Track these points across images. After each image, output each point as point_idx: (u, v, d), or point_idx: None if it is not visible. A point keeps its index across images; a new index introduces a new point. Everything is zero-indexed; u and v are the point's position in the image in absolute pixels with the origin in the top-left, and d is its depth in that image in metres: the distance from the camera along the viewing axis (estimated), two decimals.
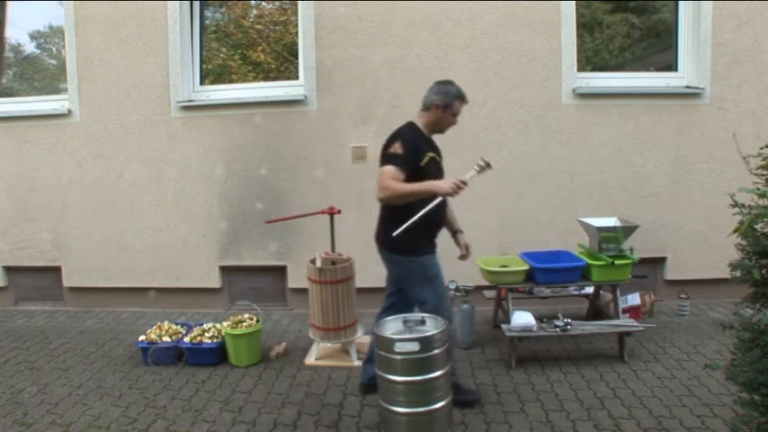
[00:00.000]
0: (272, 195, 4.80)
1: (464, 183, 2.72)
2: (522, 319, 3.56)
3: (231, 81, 5.19)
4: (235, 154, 4.80)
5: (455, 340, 3.14)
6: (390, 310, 3.07)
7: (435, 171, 2.94)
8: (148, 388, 3.43)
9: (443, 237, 3.15)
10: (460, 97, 2.97)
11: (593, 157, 4.60)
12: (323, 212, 3.98)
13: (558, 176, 4.62)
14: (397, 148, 2.82)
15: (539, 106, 4.57)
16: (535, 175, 4.62)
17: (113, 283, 5.03)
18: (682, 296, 4.42)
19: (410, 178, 2.78)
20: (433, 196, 2.74)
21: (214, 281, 4.93)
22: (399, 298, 3.09)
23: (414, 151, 2.83)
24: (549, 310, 4.44)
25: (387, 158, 2.82)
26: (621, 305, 3.91)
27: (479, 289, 4.14)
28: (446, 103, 2.95)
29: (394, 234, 2.74)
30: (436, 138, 3.07)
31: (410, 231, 2.74)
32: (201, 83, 5.00)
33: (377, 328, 2.75)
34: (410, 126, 2.98)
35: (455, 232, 3.23)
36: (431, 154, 2.92)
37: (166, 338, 3.82)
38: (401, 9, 4.56)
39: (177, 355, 3.78)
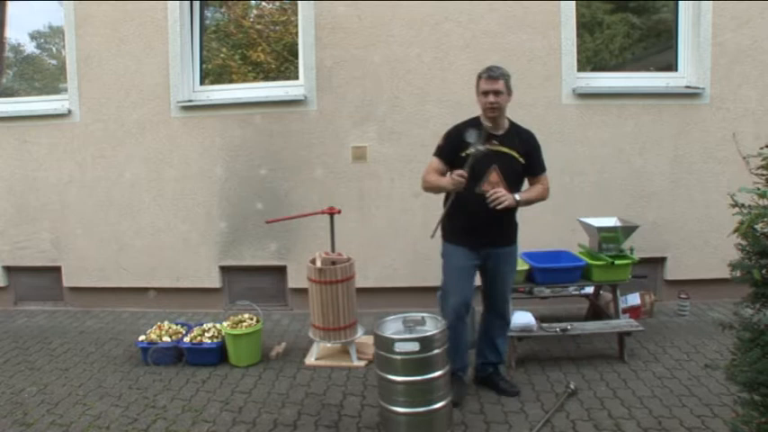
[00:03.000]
0: (272, 195, 4.79)
1: (460, 175, 2.80)
2: (523, 319, 3.56)
3: (231, 81, 5.18)
4: (235, 154, 4.80)
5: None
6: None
7: (481, 164, 2.86)
8: (148, 388, 3.43)
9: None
10: (478, 75, 2.96)
11: (593, 157, 4.60)
12: (323, 212, 3.98)
13: (557, 176, 4.59)
14: (441, 138, 3.04)
15: (539, 106, 4.57)
16: None
17: (113, 283, 5.03)
18: (682, 296, 4.42)
19: (455, 168, 2.88)
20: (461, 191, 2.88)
21: (214, 281, 4.93)
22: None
23: (453, 142, 2.95)
24: (548, 310, 4.45)
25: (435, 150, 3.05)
26: (621, 305, 3.90)
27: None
28: (475, 88, 2.99)
29: (430, 235, 3.04)
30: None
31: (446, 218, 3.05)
32: (201, 83, 5.00)
33: (377, 328, 2.75)
34: (470, 119, 3.03)
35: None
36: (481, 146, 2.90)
37: (166, 338, 3.82)
38: (401, 9, 4.56)
39: (177, 355, 3.78)
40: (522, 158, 2.99)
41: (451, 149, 2.96)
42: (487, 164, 2.91)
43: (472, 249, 3.04)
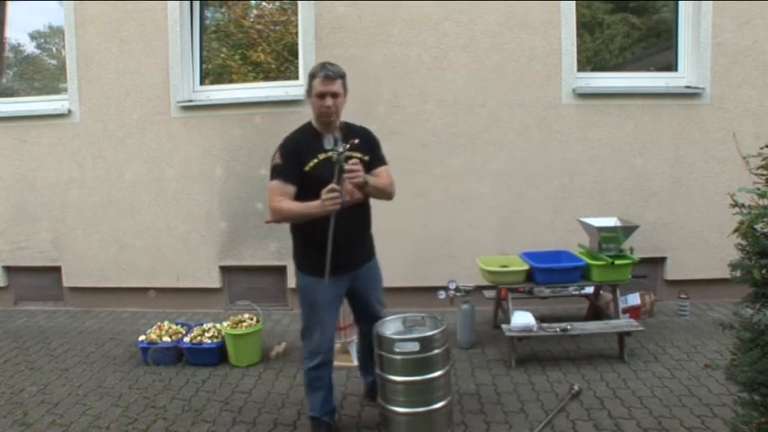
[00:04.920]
0: None
1: (331, 190, 2.38)
2: (522, 319, 3.56)
3: (231, 81, 5.18)
4: (235, 154, 4.80)
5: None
6: None
7: (327, 174, 2.44)
8: (148, 388, 3.43)
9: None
10: (312, 74, 2.57)
11: (593, 157, 4.60)
12: None
13: (558, 176, 4.62)
14: (276, 158, 2.58)
15: (539, 106, 4.57)
16: (535, 175, 4.61)
17: (113, 283, 5.03)
18: (682, 296, 4.42)
19: (301, 187, 2.53)
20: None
21: (214, 281, 4.93)
22: None
23: (294, 157, 2.54)
24: (548, 310, 4.45)
25: (270, 172, 2.59)
26: (621, 305, 3.91)
27: (479, 289, 4.14)
28: (307, 88, 2.61)
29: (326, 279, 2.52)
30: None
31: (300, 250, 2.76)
32: (201, 83, 5.00)
33: (377, 328, 2.75)
34: (300, 128, 2.69)
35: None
36: (323, 155, 2.52)
37: (166, 338, 3.82)
38: (401, 9, 4.56)
39: (177, 355, 3.78)
40: (367, 156, 2.67)
41: (295, 164, 2.54)
42: (333, 170, 2.47)
43: (340, 275, 2.65)
